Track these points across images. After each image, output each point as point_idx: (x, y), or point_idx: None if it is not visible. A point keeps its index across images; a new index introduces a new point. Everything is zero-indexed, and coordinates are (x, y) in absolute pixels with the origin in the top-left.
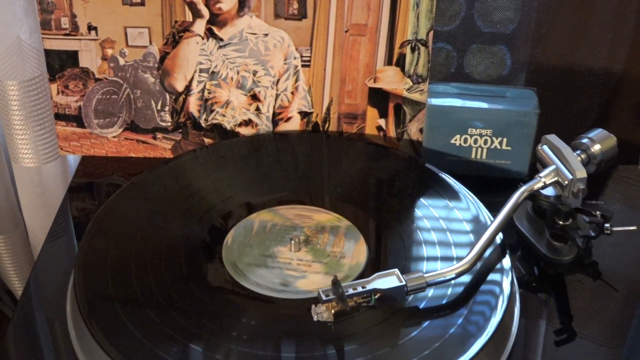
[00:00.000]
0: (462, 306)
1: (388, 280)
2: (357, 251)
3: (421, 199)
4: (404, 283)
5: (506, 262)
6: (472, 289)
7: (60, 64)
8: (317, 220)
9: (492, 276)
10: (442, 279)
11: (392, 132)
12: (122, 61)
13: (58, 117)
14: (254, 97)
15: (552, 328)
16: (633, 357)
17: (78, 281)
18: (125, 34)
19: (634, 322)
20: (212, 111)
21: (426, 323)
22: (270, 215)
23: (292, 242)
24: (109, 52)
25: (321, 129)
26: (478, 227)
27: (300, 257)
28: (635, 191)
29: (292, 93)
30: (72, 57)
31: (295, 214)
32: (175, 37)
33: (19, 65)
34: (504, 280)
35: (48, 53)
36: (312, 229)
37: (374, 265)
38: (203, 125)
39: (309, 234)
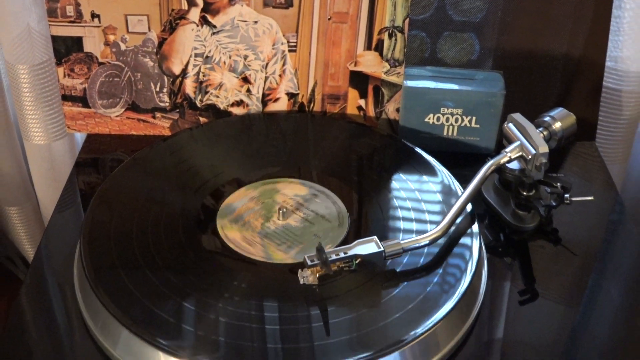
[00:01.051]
0: (435, 269)
1: (368, 246)
2: (339, 220)
3: (398, 173)
4: (382, 249)
5: (475, 229)
6: (444, 254)
7: (66, 49)
8: (302, 192)
9: (462, 242)
10: (417, 245)
11: (371, 112)
12: (123, 46)
13: (65, 98)
14: (245, 80)
15: (517, 289)
16: (588, 314)
17: (84, 247)
18: (126, 21)
19: (589, 283)
20: (206, 92)
21: (402, 285)
22: (259, 187)
23: (280, 211)
24: (111, 38)
25: (306, 108)
26: (450, 197)
27: (288, 225)
28: (592, 165)
29: (280, 76)
30: (77, 43)
31: (283, 186)
32: (172, 24)
33: (28, 50)
34: (473, 245)
35: (55, 39)
36: (298, 200)
37: (355, 233)
38: (198, 105)
39: (295, 204)
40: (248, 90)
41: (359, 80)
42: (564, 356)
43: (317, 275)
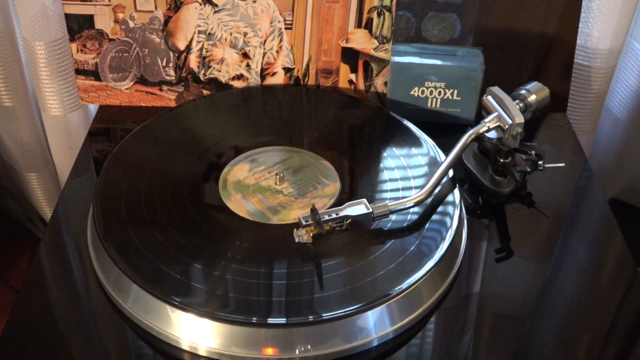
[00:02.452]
0: (419, 229)
1: (357, 208)
2: (331, 184)
3: (386, 141)
4: (370, 211)
5: (456, 193)
6: (428, 215)
7: (79, 27)
8: (298, 159)
9: (444, 205)
10: (403, 207)
11: (361, 85)
12: (131, 24)
13: (78, 72)
14: (245, 55)
15: (493, 247)
16: (557, 270)
17: (96, 209)
18: (134, 0)
19: (558, 242)
20: (209, 67)
21: (389, 243)
22: (256, 155)
23: (277, 176)
24: (120, 16)
25: (301, 82)
26: (433, 164)
27: (284, 189)
28: (563, 134)
29: (277, 52)
30: (88, 21)
31: (279, 154)
32: (177, 3)
33: (44, 28)
34: (454, 208)
35: (68, 17)
36: (294, 167)
37: (346, 195)
38: (202, 79)
39: (291, 170)
40: (247, 65)
41: (350, 56)
42: (535, 308)
43: (311, 234)
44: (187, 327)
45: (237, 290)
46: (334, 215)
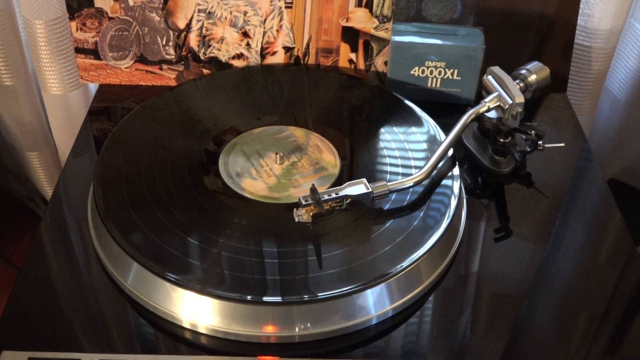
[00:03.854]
0: (419, 209)
1: (357, 188)
2: (331, 164)
3: (386, 121)
4: (370, 190)
5: (456, 172)
6: (427, 195)
7: (78, 5)
8: (298, 138)
9: (444, 184)
10: (403, 186)
11: (361, 65)
12: (131, 2)
13: (78, 50)
14: (245, 34)
15: (492, 227)
16: (555, 250)
17: (97, 188)
18: None
19: (557, 222)
20: (209, 46)
21: (389, 222)
22: (256, 134)
23: (277, 156)
24: None
25: (302, 61)
26: (433, 144)
27: (284, 168)
28: (562, 115)
29: (277, 31)
30: None
31: (279, 133)
32: None
33: (44, 6)
34: (454, 187)
35: None
36: (294, 145)
37: (346, 175)
38: (202, 58)
39: (291, 149)
40: (248, 44)
41: (350, 35)
42: (533, 287)
43: (311, 213)
44: (187, 305)
45: (236, 268)
46: (333, 195)
